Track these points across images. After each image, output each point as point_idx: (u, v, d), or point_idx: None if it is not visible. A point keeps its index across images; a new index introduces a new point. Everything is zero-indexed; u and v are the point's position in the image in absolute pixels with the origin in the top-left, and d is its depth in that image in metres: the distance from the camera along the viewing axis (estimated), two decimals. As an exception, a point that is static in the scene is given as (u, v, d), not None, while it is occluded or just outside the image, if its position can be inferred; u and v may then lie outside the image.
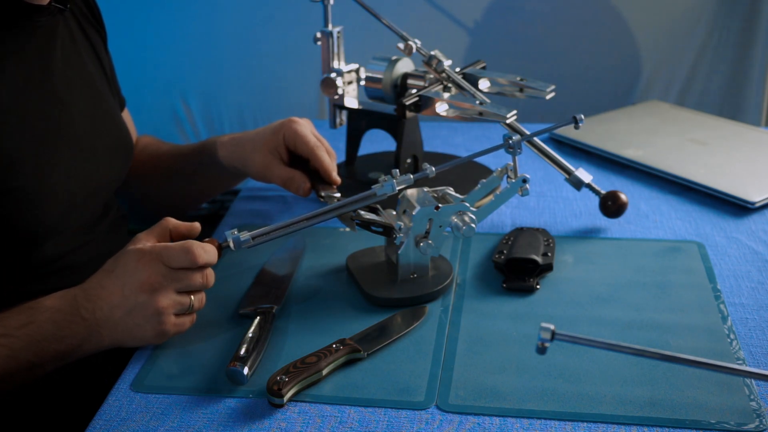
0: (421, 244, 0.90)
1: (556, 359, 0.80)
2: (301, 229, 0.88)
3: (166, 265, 0.81)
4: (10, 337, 0.79)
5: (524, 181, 0.92)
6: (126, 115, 1.17)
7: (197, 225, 0.88)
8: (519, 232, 1.03)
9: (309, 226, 0.88)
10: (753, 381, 0.77)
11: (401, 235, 0.90)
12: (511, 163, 0.93)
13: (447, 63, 1.07)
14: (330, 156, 1.05)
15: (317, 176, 1.05)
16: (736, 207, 1.12)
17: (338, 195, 1.00)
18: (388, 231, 0.91)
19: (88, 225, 0.98)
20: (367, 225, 0.91)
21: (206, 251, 0.82)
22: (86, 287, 0.82)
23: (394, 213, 0.93)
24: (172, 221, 0.87)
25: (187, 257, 0.81)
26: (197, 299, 0.84)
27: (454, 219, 0.90)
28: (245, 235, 0.85)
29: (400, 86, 1.14)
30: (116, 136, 1.03)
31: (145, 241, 0.83)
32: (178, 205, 1.22)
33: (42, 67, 0.91)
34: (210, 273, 0.84)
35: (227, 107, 1.99)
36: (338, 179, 1.04)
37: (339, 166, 1.24)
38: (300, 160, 1.06)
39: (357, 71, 1.18)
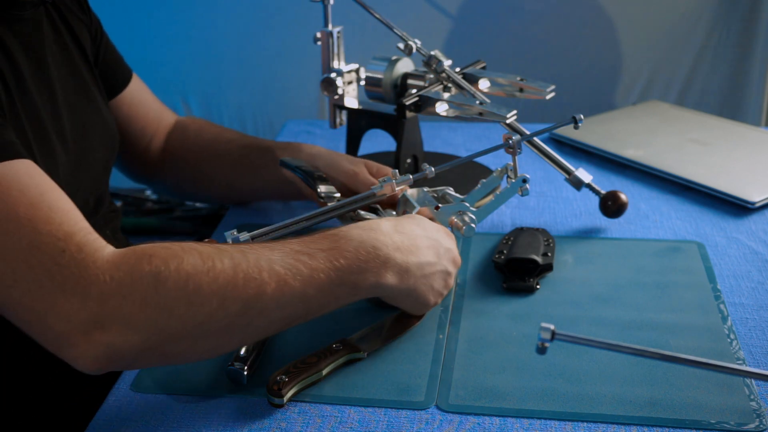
0: None
1: (556, 359, 0.80)
2: (301, 229, 0.88)
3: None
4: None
5: (524, 181, 0.91)
6: (142, 88, 1.15)
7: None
8: (519, 232, 1.03)
9: (309, 226, 0.88)
10: (753, 381, 0.77)
11: None
12: (511, 163, 0.93)
13: (447, 63, 1.07)
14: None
15: (316, 177, 1.05)
16: (736, 207, 1.12)
17: (338, 195, 1.00)
18: None
19: None
20: None
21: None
22: (392, 235, 0.81)
23: (394, 213, 0.93)
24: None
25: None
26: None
27: (454, 219, 0.90)
28: (245, 236, 0.85)
29: (400, 86, 1.14)
30: (103, 129, 1.03)
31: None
32: (225, 193, 1.19)
33: (34, 59, 0.90)
34: None
35: (227, 107, 1.99)
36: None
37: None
38: None
39: (357, 71, 1.18)
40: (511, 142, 0.91)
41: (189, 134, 1.16)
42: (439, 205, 0.90)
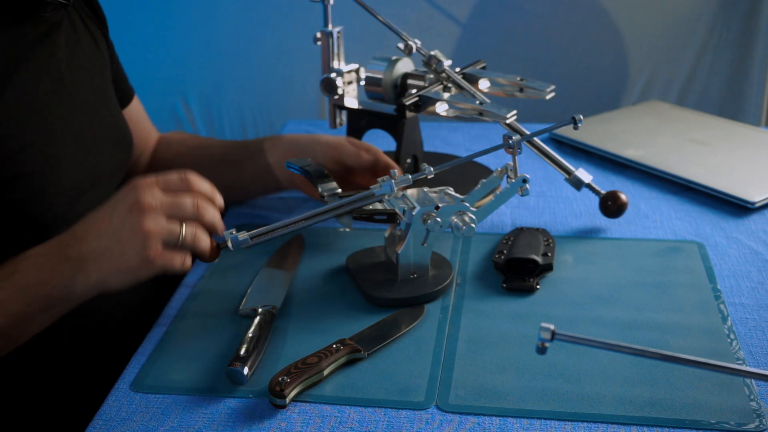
0: (429, 221, 0.89)
1: (556, 359, 0.80)
2: (300, 229, 0.88)
3: (161, 188, 0.79)
4: None
5: (524, 181, 0.91)
6: (140, 107, 1.18)
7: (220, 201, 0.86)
8: (519, 232, 1.03)
9: (308, 225, 0.88)
10: (753, 381, 0.77)
11: (405, 219, 0.90)
12: (511, 163, 0.93)
13: (447, 63, 1.07)
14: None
15: (316, 176, 1.05)
16: (736, 207, 1.12)
17: (339, 191, 1.00)
18: (392, 217, 0.91)
19: None
20: (370, 216, 0.91)
21: (204, 181, 0.82)
22: (75, 227, 0.80)
23: (400, 195, 0.92)
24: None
25: (182, 182, 0.80)
26: (189, 231, 0.79)
27: (454, 219, 0.90)
28: (243, 235, 0.85)
29: (400, 86, 1.14)
30: (117, 129, 1.04)
31: None
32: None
33: (50, 59, 0.92)
34: (206, 208, 0.81)
35: (227, 107, 1.99)
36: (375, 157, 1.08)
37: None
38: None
39: (357, 71, 1.18)
40: (511, 142, 0.90)
41: (173, 144, 1.19)
42: (439, 205, 0.89)
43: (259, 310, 0.88)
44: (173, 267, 0.79)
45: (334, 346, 0.81)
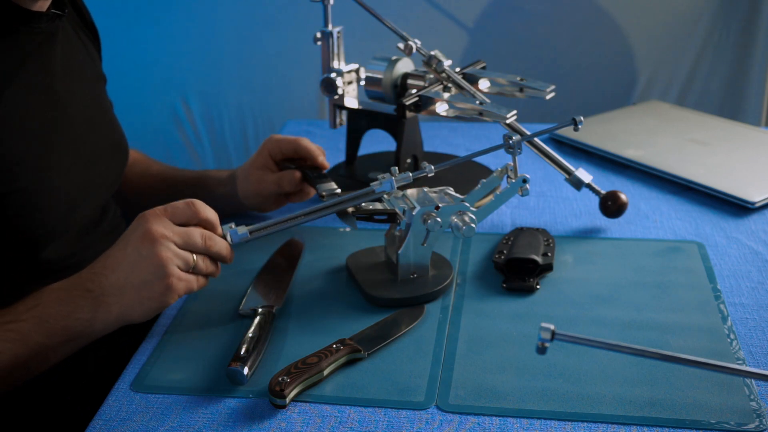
0: (429, 221, 0.89)
1: (556, 359, 0.80)
2: (299, 225, 0.88)
3: (170, 219, 0.82)
4: (18, 321, 0.79)
5: (524, 181, 0.91)
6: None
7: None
8: (519, 232, 1.03)
9: (307, 221, 0.88)
10: (753, 381, 0.77)
11: (405, 219, 0.90)
12: (511, 163, 0.93)
13: (447, 63, 1.07)
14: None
15: (315, 176, 1.05)
16: (736, 207, 1.12)
17: (339, 191, 1.01)
18: (392, 217, 0.91)
19: (87, 227, 0.99)
20: (370, 216, 0.91)
21: (208, 208, 0.84)
22: (93, 264, 0.83)
23: (400, 195, 0.93)
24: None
25: (189, 208, 0.83)
26: (200, 259, 0.84)
27: (454, 219, 0.90)
28: (243, 230, 0.85)
29: (400, 86, 1.14)
30: (113, 137, 1.04)
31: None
32: None
33: (43, 71, 0.91)
34: (215, 240, 0.84)
35: (227, 107, 1.99)
36: (326, 163, 1.08)
37: (339, 166, 1.24)
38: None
39: (357, 71, 1.18)
40: (511, 142, 0.90)
41: (135, 165, 1.19)
42: (439, 205, 0.89)
43: (259, 310, 0.88)
44: (192, 289, 0.83)
45: (334, 346, 0.81)
